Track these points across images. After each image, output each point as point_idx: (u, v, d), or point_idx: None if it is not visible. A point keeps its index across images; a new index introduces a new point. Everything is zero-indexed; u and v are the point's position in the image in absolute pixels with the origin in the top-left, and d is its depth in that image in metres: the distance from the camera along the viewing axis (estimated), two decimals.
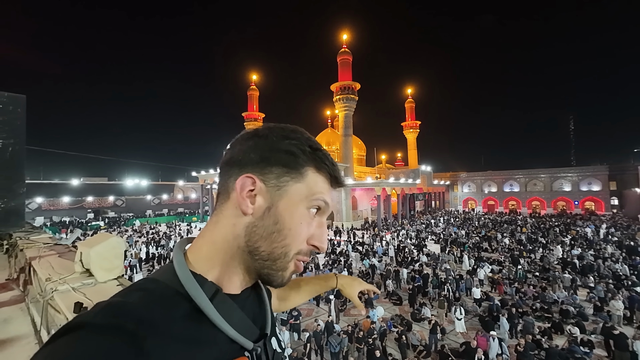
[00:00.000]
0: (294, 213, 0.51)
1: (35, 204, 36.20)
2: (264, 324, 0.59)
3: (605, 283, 12.15)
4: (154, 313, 0.40)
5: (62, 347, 0.33)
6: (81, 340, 0.33)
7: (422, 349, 8.09)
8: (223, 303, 0.48)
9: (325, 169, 0.55)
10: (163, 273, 0.49)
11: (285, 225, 0.51)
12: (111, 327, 0.35)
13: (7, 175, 4.78)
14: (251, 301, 0.59)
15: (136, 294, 0.43)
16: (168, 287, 0.46)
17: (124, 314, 0.37)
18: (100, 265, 1.94)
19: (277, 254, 0.51)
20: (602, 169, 42.50)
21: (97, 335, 0.34)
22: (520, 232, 25.28)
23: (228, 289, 0.52)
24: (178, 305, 0.44)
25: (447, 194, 56.25)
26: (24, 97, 4.86)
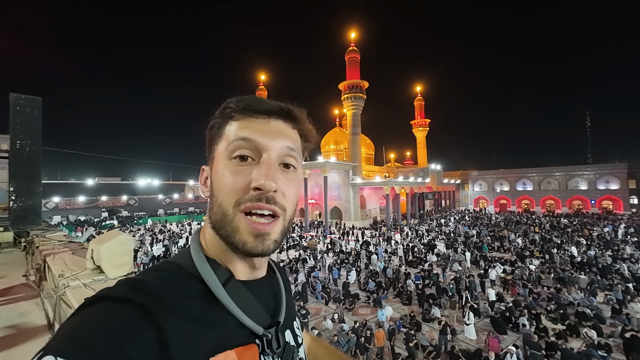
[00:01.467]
0: (218, 170, 0.52)
1: (53, 203, 37.45)
2: (276, 312, 0.59)
3: (623, 285, 11.72)
4: (168, 291, 0.44)
5: (86, 316, 0.38)
6: (102, 311, 0.39)
7: (431, 350, 7.99)
8: (235, 288, 0.51)
9: (230, 110, 0.53)
10: (180, 256, 0.54)
11: (215, 186, 0.52)
12: (128, 300, 0.40)
13: (25, 174, 4.96)
14: (266, 290, 0.59)
15: (154, 273, 0.48)
16: (183, 269, 0.50)
17: (141, 289, 0.42)
18: (110, 262, 1.99)
19: (219, 217, 0.50)
20: (621, 166, 40.97)
21: (116, 306, 0.39)
22: (533, 232, 24.65)
23: (239, 276, 0.54)
24: (191, 286, 0.47)
25: (457, 193, 55.33)
26: (39, 99, 5.03)
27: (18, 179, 4.74)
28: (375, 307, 10.91)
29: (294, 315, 0.67)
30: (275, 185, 0.49)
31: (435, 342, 8.23)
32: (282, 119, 0.54)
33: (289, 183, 0.52)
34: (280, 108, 0.54)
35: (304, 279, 13.35)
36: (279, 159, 0.52)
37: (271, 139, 0.51)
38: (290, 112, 0.55)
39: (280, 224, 0.51)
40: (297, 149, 0.55)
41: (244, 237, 0.49)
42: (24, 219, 4.80)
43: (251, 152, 0.50)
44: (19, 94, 4.81)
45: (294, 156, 0.54)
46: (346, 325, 8.86)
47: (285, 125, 0.54)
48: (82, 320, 0.38)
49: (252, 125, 0.51)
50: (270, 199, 0.49)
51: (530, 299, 11.04)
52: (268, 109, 0.53)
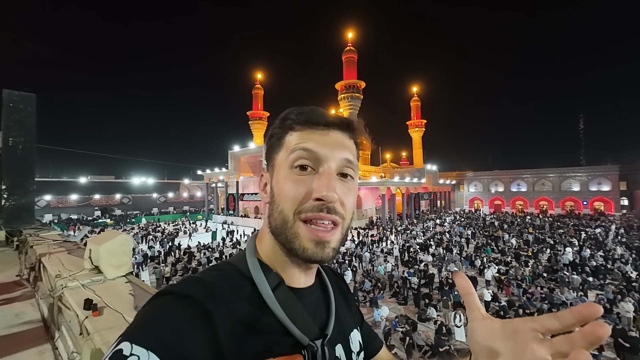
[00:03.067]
0: (279, 178, 0.54)
1: (44, 202, 36.87)
2: (325, 324, 0.57)
3: (614, 285, 11.93)
4: (222, 291, 0.47)
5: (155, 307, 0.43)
6: (168, 303, 0.43)
7: (427, 349, 8.03)
8: (284, 294, 0.51)
9: (291, 122, 0.55)
10: (237, 258, 0.56)
11: (276, 193, 0.54)
12: (189, 296, 0.44)
13: (18, 172, 4.85)
14: (315, 299, 0.59)
15: (212, 272, 0.51)
16: (238, 271, 0.53)
17: (198, 287, 0.46)
18: (109, 262, 1.95)
19: (279, 223, 0.52)
20: (613, 168, 41.61)
21: (178, 300, 0.43)
22: (527, 232, 24.95)
23: (291, 282, 0.55)
24: (243, 289, 0.50)
25: (453, 194, 55.71)
26: (33, 95, 4.92)
27: (11, 176, 4.64)
28: (371, 307, 10.94)
29: (351, 329, 0.65)
30: (337, 196, 0.51)
31: (431, 342, 8.28)
32: (341, 130, 0.56)
33: (347, 192, 0.54)
34: (341, 120, 0.56)
35: None
36: (337, 169, 0.53)
37: (331, 150, 0.53)
38: (350, 124, 0.57)
39: (339, 232, 0.53)
40: (354, 158, 0.56)
41: (304, 243, 0.50)
42: (16, 218, 4.70)
43: (311, 163, 0.52)
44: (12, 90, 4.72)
45: (351, 167, 0.55)
46: None
47: (343, 136, 0.56)
48: (151, 311, 0.43)
49: (312, 136, 0.53)
50: (331, 209, 0.50)
51: (524, 298, 11.18)
52: (329, 121, 0.55)
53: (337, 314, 0.60)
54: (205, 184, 42.86)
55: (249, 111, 50.33)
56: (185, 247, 19.38)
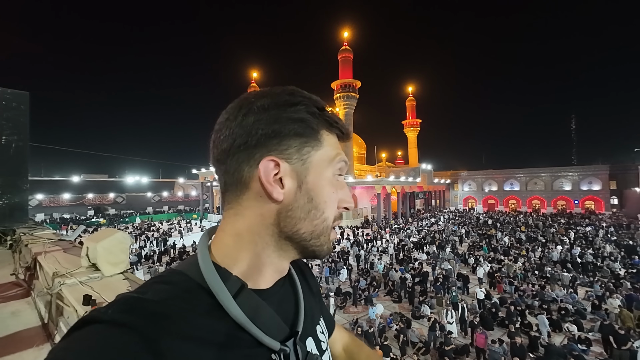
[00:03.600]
0: (324, 184, 0.49)
1: (36, 201, 36.28)
2: (295, 321, 0.53)
3: (603, 282, 12.21)
4: (171, 309, 0.37)
5: (75, 341, 0.34)
6: (93, 336, 0.33)
7: (421, 346, 8.16)
8: (248, 300, 0.43)
9: (337, 127, 0.52)
10: (188, 265, 0.46)
11: (320, 199, 0.48)
12: (122, 325, 0.34)
13: (11, 171, 4.80)
14: (282, 296, 0.53)
15: (157, 287, 0.41)
16: (190, 281, 0.43)
17: (137, 310, 0.36)
18: (107, 260, 1.98)
19: (319, 230, 0.48)
20: (603, 168, 42.40)
21: (108, 331, 0.33)
22: (520, 231, 25.32)
23: (257, 284, 0.48)
24: (199, 301, 0.40)
25: (447, 193, 56.20)
26: (27, 93, 4.88)
27: (4, 175, 4.61)
28: (366, 305, 11.05)
29: (318, 318, 0.62)
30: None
31: (424, 339, 8.41)
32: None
33: None
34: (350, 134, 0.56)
35: None
36: None
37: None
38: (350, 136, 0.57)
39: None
40: None
41: (330, 245, 0.51)
42: (9, 217, 4.67)
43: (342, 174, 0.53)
44: (5, 88, 4.67)
45: None
46: None
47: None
48: (70, 347, 0.33)
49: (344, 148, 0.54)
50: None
51: (516, 295, 11.39)
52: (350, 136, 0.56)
53: (305, 307, 0.56)
54: (201, 183, 42.54)
55: None
56: (180, 247, 19.29)
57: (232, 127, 0.46)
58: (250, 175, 0.46)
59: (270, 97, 0.48)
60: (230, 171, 0.47)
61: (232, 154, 0.46)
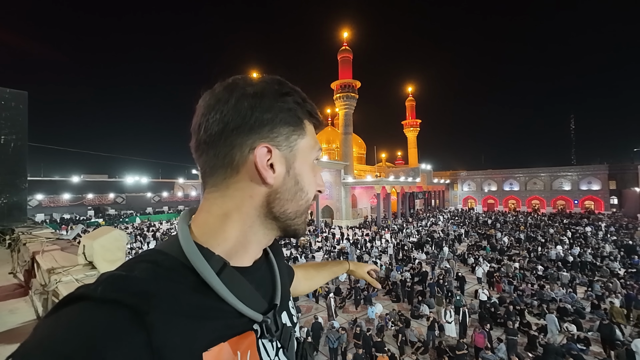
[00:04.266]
0: (307, 168, 0.55)
1: (36, 201, 36.26)
2: (273, 295, 0.58)
3: (602, 281, 12.22)
4: (159, 286, 0.39)
5: (63, 318, 0.33)
6: (82, 312, 0.33)
7: (420, 345, 8.16)
8: (231, 276, 0.46)
9: (316, 117, 0.57)
10: (169, 245, 0.47)
11: (305, 182, 0.54)
12: (111, 301, 0.34)
13: (10, 170, 4.81)
14: (262, 273, 0.59)
15: (142, 266, 0.42)
16: (174, 260, 0.44)
17: (126, 287, 0.37)
18: (104, 257, 1.98)
19: (302, 210, 0.55)
20: (602, 168, 42.45)
21: (98, 308, 0.34)
22: (519, 231, 25.34)
23: (239, 262, 0.51)
24: (184, 278, 0.42)
25: (447, 193, 56.26)
26: (25, 93, 4.88)
27: (3, 174, 4.61)
28: (365, 304, 11.05)
29: (289, 294, 0.68)
30: None
31: (423, 338, 8.42)
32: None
33: None
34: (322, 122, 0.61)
35: None
36: None
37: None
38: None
39: None
40: None
41: (305, 226, 0.58)
42: (8, 216, 4.67)
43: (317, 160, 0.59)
44: (4, 87, 4.68)
45: None
46: (336, 323, 8.96)
47: None
48: (58, 323, 0.33)
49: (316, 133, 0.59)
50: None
51: (514, 295, 11.40)
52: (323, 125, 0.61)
53: (282, 283, 0.62)
54: (200, 183, 42.39)
55: None
56: None
57: (224, 111, 0.47)
58: (242, 160, 0.48)
59: (261, 85, 0.50)
60: (220, 155, 0.48)
61: (224, 138, 0.47)
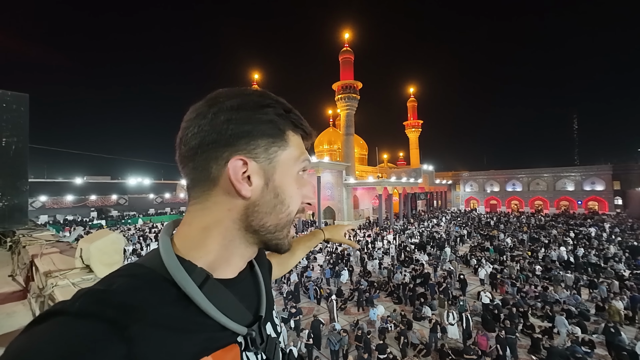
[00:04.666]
0: (290, 181, 0.52)
1: (39, 202, 36.50)
2: (258, 306, 0.57)
3: (607, 283, 12.09)
4: (139, 299, 0.38)
5: (38, 334, 0.33)
6: (58, 328, 0.33)
7: (422, 348, 8.10)
8: (214, 289, 0.45)
9: (302, 128, 0.55)
10: (150, 259, 0.46)
11: (286, 195, 0.52)
12: (90, 315, 0.34)
13: (11, 173, 4.83)
14: (247, 284, 0.58)
15: (121, 280, 0.41)
16: (154, 273, 0.43)
17: (105, 301, 0.36)
18: (100, 260, 1.96)
19: (283, 223, 0.53)
20: (606, 168, 42.11)
21: (76, 322, 0.33)
22: (522, 232, 25.17)
23: (223, 274, 0.50)
24: (165, 292, 0.41)
25: (449, 193, 56.06)
26: (26, 95, 4.90)
27: (4, 176, 4.62)
28: (367, 306, 11.00)
29: (273, 303, 0.66)
30: None
31: (425, 340, 8.35)
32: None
33: None
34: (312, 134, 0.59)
35: (297, 278, 13.36)
36: None
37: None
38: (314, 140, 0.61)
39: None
40: None
41: (291, 239, 0.56)
42: (9, 218, 4.68)
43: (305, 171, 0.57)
44: (5, 90, 4.70)
45: None
46: (338, 325, 8.92)
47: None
48: (33, 339, 0.32)
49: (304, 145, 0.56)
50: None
51: (518, 297, 11.30)
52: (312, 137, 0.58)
53: (266, 294, 0.61)
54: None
55: None
56: None
57: (202, 125, 0.47)
58: (218, 173, 0.47)
59: (241, 98, 0.49)
60: (198, 168, 0.48)
61: (200, 152, 0.47)
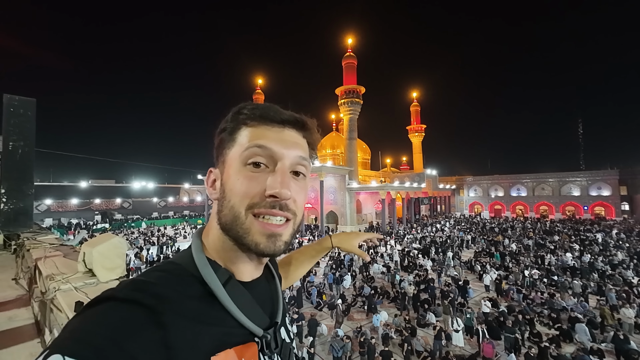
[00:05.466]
0: (231, 173, 0.53)
1: (45, 206, 36.82)
2: (274, 312, 0.60)
3: (616, 290, 11.84)
4: (170, 291, 0.45)
5: (91, 315, 0.39)
6: (108, 310, 0.39)
7: (426, 355, 7.96)
8: (235, 289, 0.52)
9: (245, 116, 0.54)
10: (182, 257, 0.54)
11: (228, 188, 0.53)
12: (134, 301, 0.40)
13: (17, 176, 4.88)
14: (263, 289, 0.61)
15: (157, 273, 0.48)
16: (185, 270, 0.51)
17: (145, 290, 0.43)
18: (103, 265, 1.96)
19: (230, 219, 0.51)
20: (612, 173, 41.58)
21: (121, 306, 0.40)
22: (527, 237, 24.83)
23: (239, 276, 0.55)
24: (192, 287, 0.48)
25: (452, 198, 55.65)
26: (34, 100, 4.98)
27: (10, 180, 4.68)
28: (370, 312, 10.86)
29: (286, 310, 0.68)
30: (290, 193, 0.52)
31: (429, 348, 8.21)
32: (295, 128, 0.56)
33: (299, 190, 0.55)
34: (295, 119, 0.56)
35: (299, 283, 13.26)
36: (291, 167, 0.54)
37: (286, 148, 0.53)
38: (305, 123, 0.57)
39: (291, 227, 0.55)
40: (307, 157, 0.58)
41: (256, 238, 0.51)
42: (14, 221, 4.72)
43: (265, 160, 0.52)
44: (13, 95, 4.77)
45: (304, 165, 0.56)
46: (341, 331, 8.80)
47: (297, 134, 0.57)
48: (86, 320, 0.38)
49: (267, 133, 0.53)
50: (283, 206, 0.52)
51: (524, 304, 11.10)
52: (284, 119, 0.55)
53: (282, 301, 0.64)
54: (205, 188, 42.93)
55: None
56: None
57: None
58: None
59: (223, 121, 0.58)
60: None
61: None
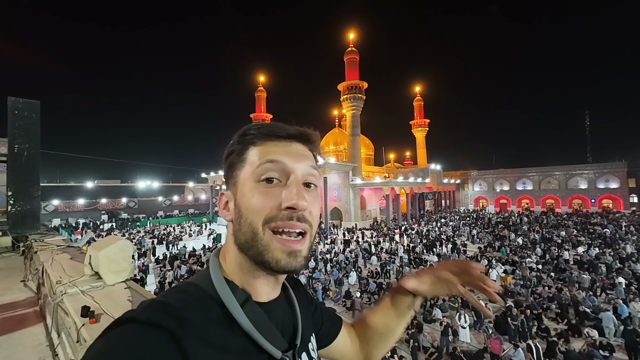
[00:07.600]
0: (246, 192, 0.53)
1: (52, 206, 37.33)
2: (293, 335, 0.59)
3: (626, 284, 11.68)
4: (191, 314, 0.44)
5: (115, 338, 0.39)
6: (130, 333, 0.39)
7: (433, 351, 7.95)
8: (253, 310, 0.51)
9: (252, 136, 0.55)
10: (200, 277, 0.54)
11: (243, 207, 0.53)
12: (156, 324, 0.40)
13: (23, 178, 4.92)
14: (281, 311, 0.60)
15: (177, 295, 0.48)
16: (203, 292, 0.50)
17: (167, 312, 0.42)
18: (109, 268, 1.96)
19: (249, 236, 0.51)
20: (620, 165, 40.91)
21: (144, 329, 0.39)
22: (534, 231, 24.61)
23: (255, 297, 0.54)
24: (212, 310, 0.48)
25: (457, 193, 55.28)
26: (37, 102, 4.99)
27: (16, 183, 4.71)
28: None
29: (310, 335, 0.66)
30: (306, 204, 0.52)
31: (436, 344, 8.20)
32: (301, 142, 0.58)
33: (312, 201, 0.55)
34: (301, 132, 0.57)
35: (305, 280, 13.31)
36: (303, 178, 0.55)
37: (296, 161, 0.54)
38: (309, 136, 0.59)
39: (307, 241, 0.54)
40: (316, 167, 0.59)
41: (276, 255, 0.50)
42: (22, 224, 4.77)
43: (278, 174, 0.53)
44: (17, 97, 4.78)
45: (315, 175, 0.57)
46: None
47: (304, 147, 0.58)
48: (109, 343, 0.38)
49: (276, 149, 0.54)
50: (300, 217, 0.51)
51: (531, 299, 11.01)
52: (290, 133, 0.56)
53: (302, 323, 0.62)
54: (210, 187, 43.13)
55: (252, 114, 50.52)
56: (190, 250, 19.47)
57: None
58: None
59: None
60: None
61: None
